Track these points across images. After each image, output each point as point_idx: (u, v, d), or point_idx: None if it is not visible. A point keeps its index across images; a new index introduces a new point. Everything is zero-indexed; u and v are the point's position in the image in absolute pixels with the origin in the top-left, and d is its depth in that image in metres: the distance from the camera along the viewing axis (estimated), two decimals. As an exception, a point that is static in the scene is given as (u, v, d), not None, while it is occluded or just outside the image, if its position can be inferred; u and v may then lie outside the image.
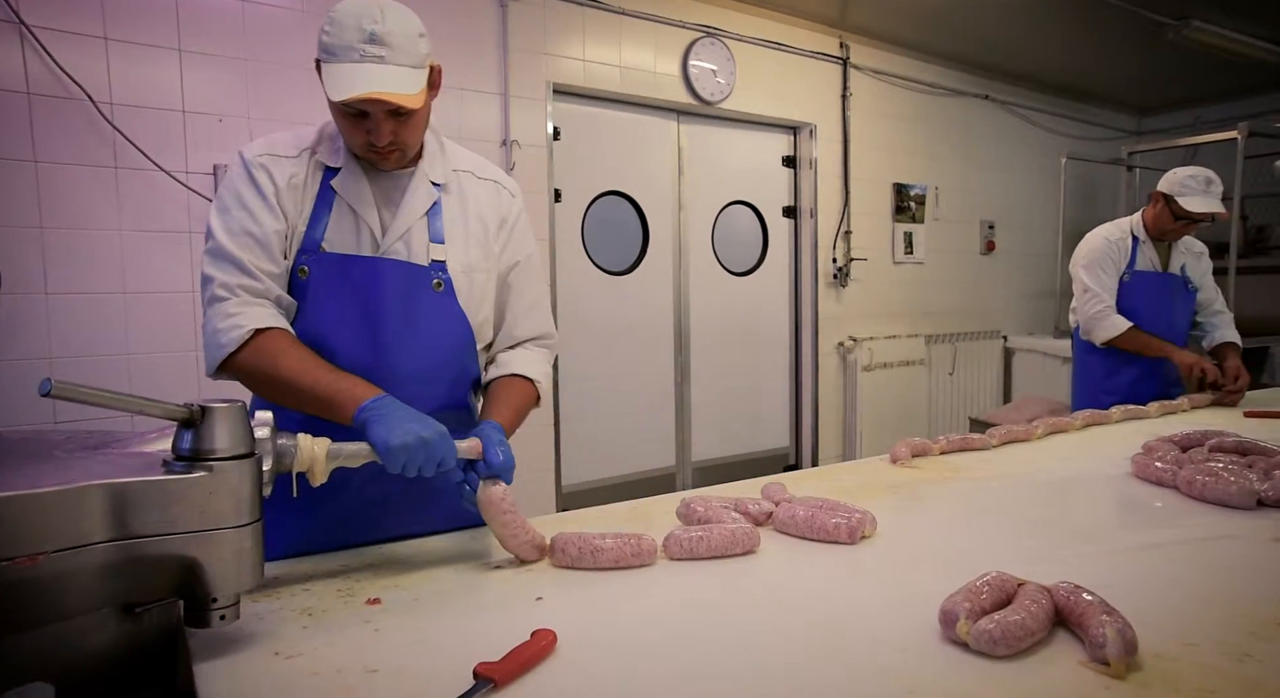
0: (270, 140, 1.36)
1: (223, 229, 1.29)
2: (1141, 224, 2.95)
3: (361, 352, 1.32)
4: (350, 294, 1.32)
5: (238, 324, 1.23)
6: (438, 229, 1.38)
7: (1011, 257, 6.12)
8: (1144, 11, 4.58)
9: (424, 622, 1.00)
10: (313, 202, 1.32)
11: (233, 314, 1.24)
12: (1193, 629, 0.92)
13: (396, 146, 1.30)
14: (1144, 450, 1.79)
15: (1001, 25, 4.91)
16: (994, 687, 0.81)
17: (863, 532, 1.29)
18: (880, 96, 5.23)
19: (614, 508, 1.56)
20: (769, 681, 0.84)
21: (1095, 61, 5.71)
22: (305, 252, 1.31)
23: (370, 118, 1.26)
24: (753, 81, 4.57)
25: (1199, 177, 2.79)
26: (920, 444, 1.93)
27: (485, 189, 1.47)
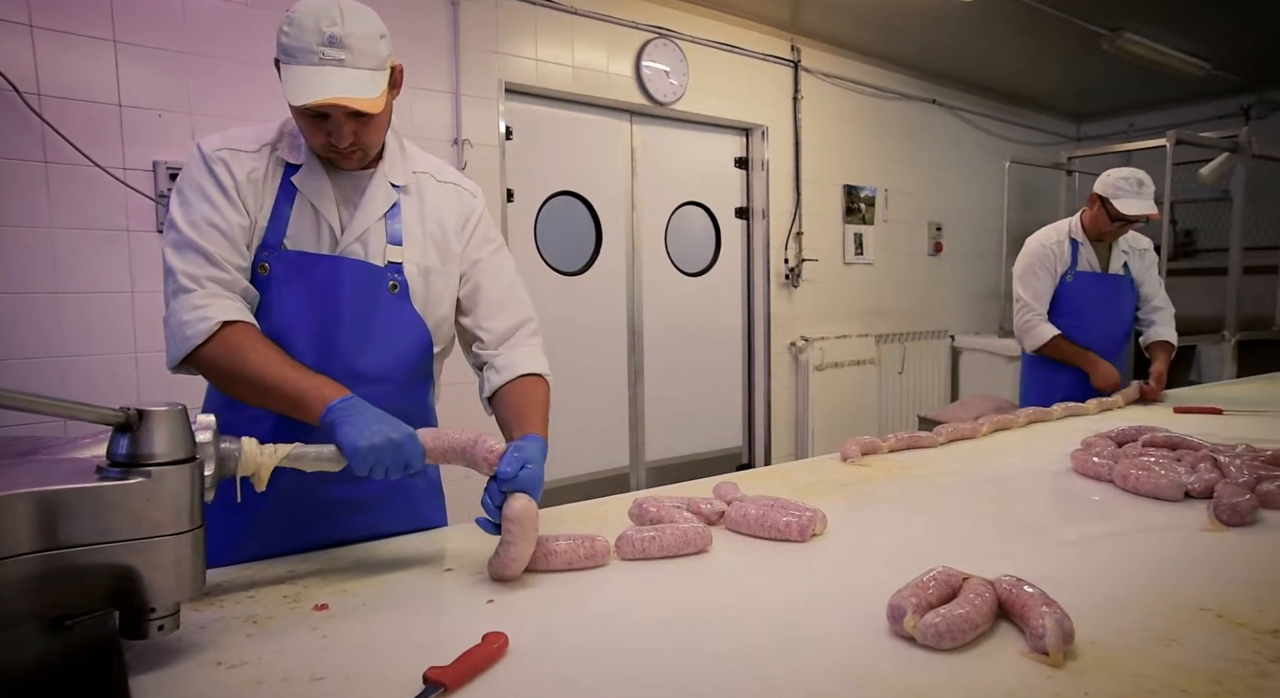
0: (230, 135, 1.34)
1: (186, 221, 1.26)
2: (1080, 226, 3.03)
3: (317, 349, 1.31)
4: (309, 292, 1.31)
5: (205, 316, 1.20)
6: (395, 231, 1.38)
7: (958, 258, 6.27)
8: (1080, 22, 4.74)
9: (373, 627, 0.98)
10: (274, 198, 1.31)
11: (200, 306, 1.21)
12: (1125, 618, 0.96)
13: (358, 147, 1.30)
14: (1083, 447, 1.85)
15: (947, 32, 5.02)
16: (940, 679, 0.82)
17: (813, 530, 1.30)
18: (831, 99, 5.30)
19: (567, 509, 1.56)
20: (721, 678, 0.84)
21: (1036, 69, 5.89)
22: (266, 248, 1.30)
23: (331, 119, 1.25)
24: (705, 83, 4.59)
25: (1132, 179, 2.87)
26: (870, 443, 1.96)
27: (445, 192, 1.46)
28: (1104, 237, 3.00)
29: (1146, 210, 2.84)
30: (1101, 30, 4.89)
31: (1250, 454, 1.67)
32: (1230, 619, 0.95)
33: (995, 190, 5.96)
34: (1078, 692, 0.79)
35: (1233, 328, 5.02)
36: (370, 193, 1.36)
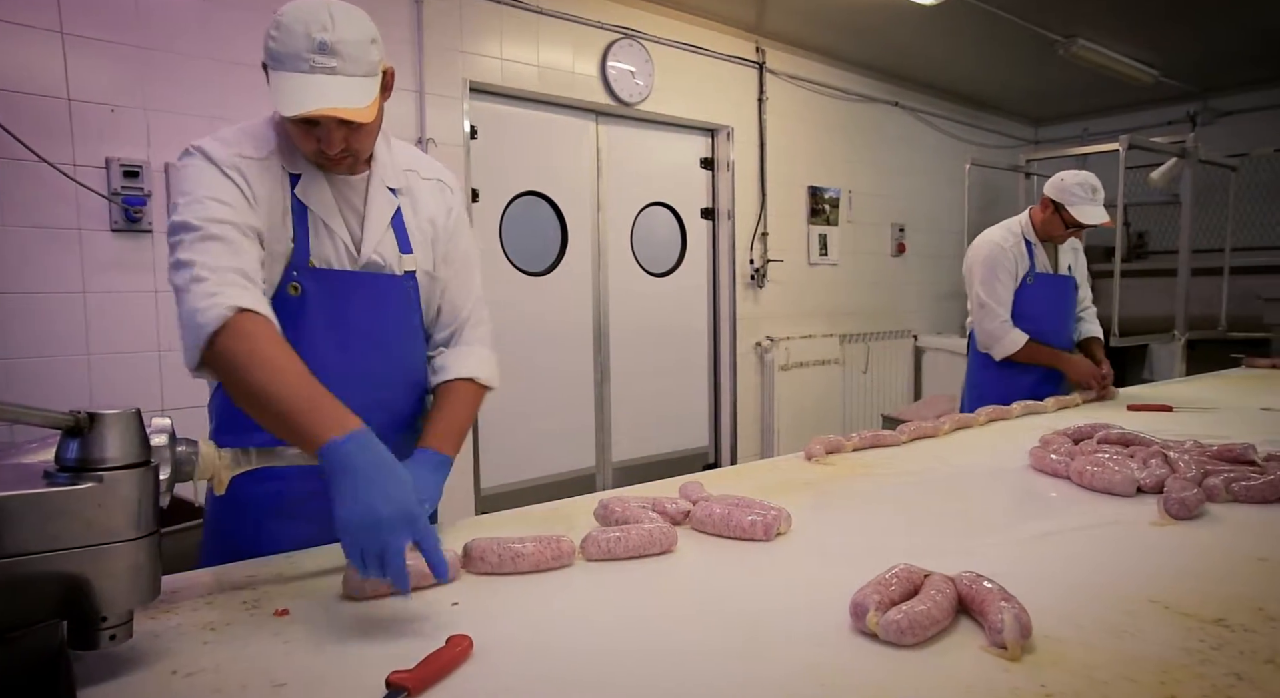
0: (234, 140, 1.28)
1: (202, 217, 1.18)
2: (1030, 225, 3.02)
3: (348, 362, 1.32)
4: (342, 308, 1.32)
5: (218, 302, 1.10)
6: (405, 239, 1.39)
7: (921, 259, 6.37)
8: (1036, 28, 4.84)
9: (335, 631, 0.97)
10: (290, 216, 1.29)
11: (214, 292, 1.11)
12: (1080, 611, 0.98)
13: (348, 154, 1.28)
14: (1041, 444, 1.88)
15: (910, 35, 5.10)
16: (902, 675, 0.84)
17: (778, 529, 1.31)
18: (795, 101, 5.35)
19: (533, 510, 1.55)
20: (685, 677, 0.85)
21: (995, 73, 6.01)
22: (295, 267, 1.28)
23: (321, 127, 1.23)
24: (671, 84, 4.61)
25: (1086, 184, 2.88)
26: (834, 442, 1.98)
27: (430, 189, 1.46)
28: (1054, 238, 3.01)
29: (1102, 218, 2.85)
30: (1057, 37, 5.01)
31: (1198, 450, 1.72)
32: (1177, 610, 0.98)
33: (956, 192, 6.06)
34: (1034, 685, 0.80)
35: (1182, 328, 5.17)
36: (372, 199, 1.36)
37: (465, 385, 1.43)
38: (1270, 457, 1.61)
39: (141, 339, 2.92)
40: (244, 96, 3.13)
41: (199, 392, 1.47)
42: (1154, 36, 5.23)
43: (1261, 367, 3.88)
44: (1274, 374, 3.67)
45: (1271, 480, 1.47)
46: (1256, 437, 1.95)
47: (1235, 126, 6.44)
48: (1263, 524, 1.35)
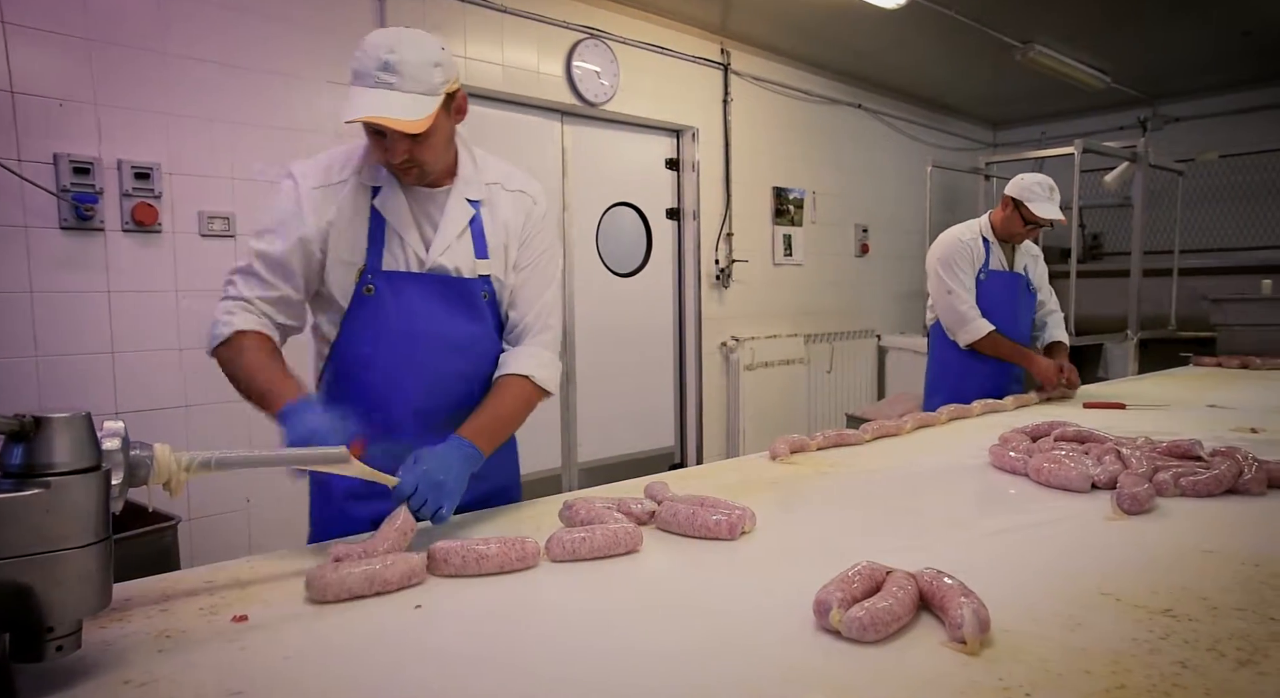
0: (323, 164, 1.49)
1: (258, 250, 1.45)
2: (990, 226, 3.11)
3: (416, 356, 1.48)
4: (408, 307, 1.47)
5: (229, 324, 1.41)
6: (482, 245, 1.53)
7: (884, 259, 6.45)
8: (995, 33, 4.94)
9: (295, 638, 0.95)
10: (366, 226, 1.46)
11: (229, 313, 1.43)
12: (1036, 605, 1.00)
13: (413, 164, 1.41)
14: (1000, 442, 1.92)
15: (872, 39, 5.16)
16: (864, 671, 0.85)
17: (743, 528, 1.32)
18: (760, 102, 5.39)
19: (499, 511, 1.54)
20: (650, 676, 0.85)
21: (956, 77, 6.11)
22: (369, 271, 1.46)
23: (387, 137, 1.37)
24: (636, 84, 4.61)
25: (1044, 184, 2.99)
26: (798, 441, 2.00)
27: (511, 199, 1.60)
28: (1012, 238, 3.10)
29: (1057, 215, 2.96)
30: (1014, 42, 5.11)
31: (1149, 446, 1.77)
32: (1128, 602, 1.00)
33: (918, 193, 6.15)
34: (992, 678, 0.82)
35: (1134, 327, 5.30)
36: (449, 210, 1.50)
37: (517, 382, 1.53)
38: (1215, 452, 1.66)
39: (95, 341, 2.85)
40: (201, 93, 3.06)
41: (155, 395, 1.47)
42: (1106, 44, 5.36)
43: (1208, 365, 4.00)
44: (1219, 372, 3.79)
45: (1216, 475, 1.51)
46: (1203, 433, 2.01)
47: (1183, 132, 6.63)
48: (1208, 517, 1.39)
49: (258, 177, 3.25)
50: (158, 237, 2.99)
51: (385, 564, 1.09)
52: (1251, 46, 5.48)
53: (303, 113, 3.36)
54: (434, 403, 1.50)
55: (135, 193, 2.89)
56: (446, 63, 1.40)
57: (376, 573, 1.07)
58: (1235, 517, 1.40)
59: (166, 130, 2.99)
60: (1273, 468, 1.56)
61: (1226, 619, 0.95)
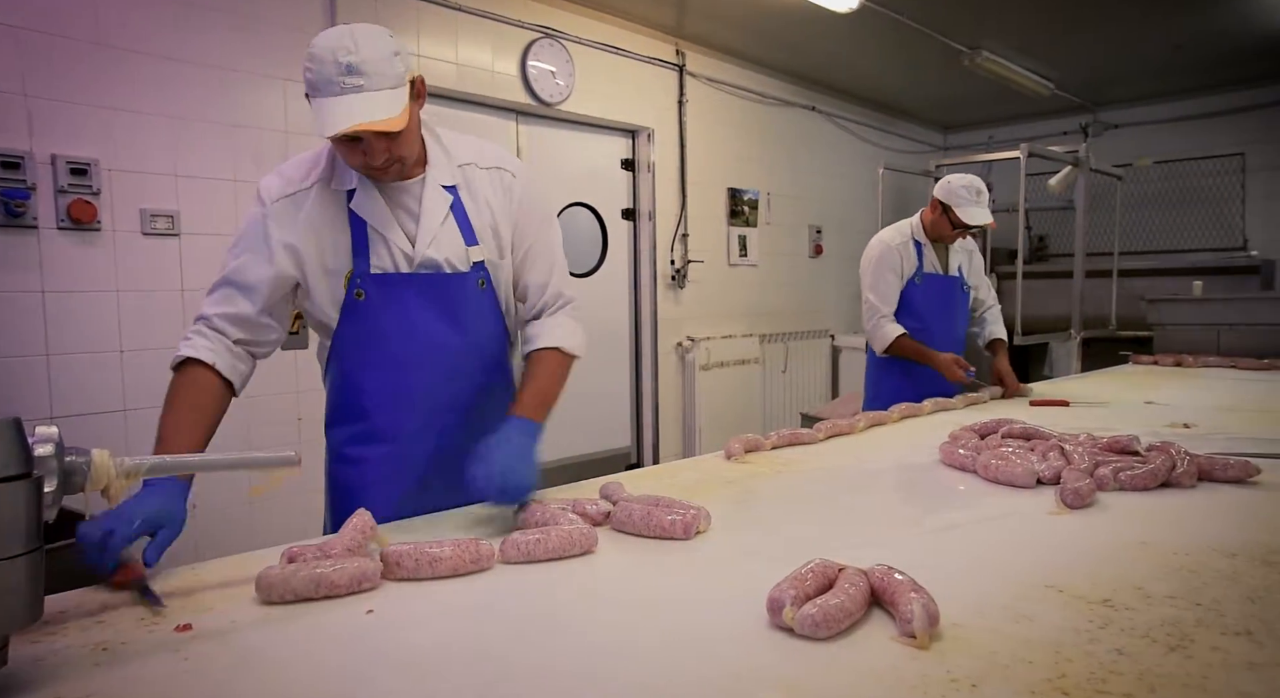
0: (286, 174, 1.46)
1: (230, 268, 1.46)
2: (921, 227, 3.10)
3: (416, 356, 1.49)
4: (402, 308, 1.46)
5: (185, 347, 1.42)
6: (469, 232, 1.51)
7: (837, 260, 6.54)
8: (943, 38, 5.04)
9: (242, 646, 0.93)
10: (347, 231, 1.44)
11: (187, 339, 1.43)
12: (983, 598, 1.02)
13: (393, 161, 1.39)
14: (950, 440, 1.95)
15: (825, 42, 5.23)
16: (816, 667, 0.85)
17: (697, 527, 1.32)
18: (715, 104, 5.42)
19: (450, 515, 1.52)
20: (605, 675, 0.84)
21: (907, 80, 6.23)
22: (359, 276, 1.45)
23: (363, 141, 1.34)
24: (592, 84, 4.60)
25: (971, 187, 2.94)
26: (753, 440, 2.01)
27: (489, 178, 1.56)
28: (943, 239, 3.09)
29: (986, 220, 2.94)
30: (962, 48, 5.23)
31: (1090, 442, 1.82)
32: (1070, 593, 1.03)
33: (870, 195, 6.26)
34: (941, 671, 0.83)
35: (1078, 326, 5.46)
36: (426, 202, 1.47)
37: (552, 354, 1.56)
38: (1151, 447, 1.72)
39: (28, 343, 2.75)
40: (142, 87, 2.97)
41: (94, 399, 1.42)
42: (1050, 51, 5.53)
43: (1145, 363, 4.15)
44: (1156, 370, 3.92)
45: (1152, 469, 1.57)
46: (1140, 429, 2.08)
47: (1121, 139, 6.86)
48: (1144, 510, 1.44)
49: (204, 174, 3.17)
50: (96, 235, 2.89)
51: (335, 567, 1.07)
52: (1182, 60, 5.72)
53: (250, 109, 3.29)
54: (443, 398, 1.55)
55: (71, 189, 2.80)
56: (402, 50, 1.37)
57: (324, 576, 1.05)
58: (1168, 509, 1.45)
59: (106, 125, 2.90)
60: (1203, 462, 1.62)
61: (1159, 607, 0.98)
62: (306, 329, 3.49)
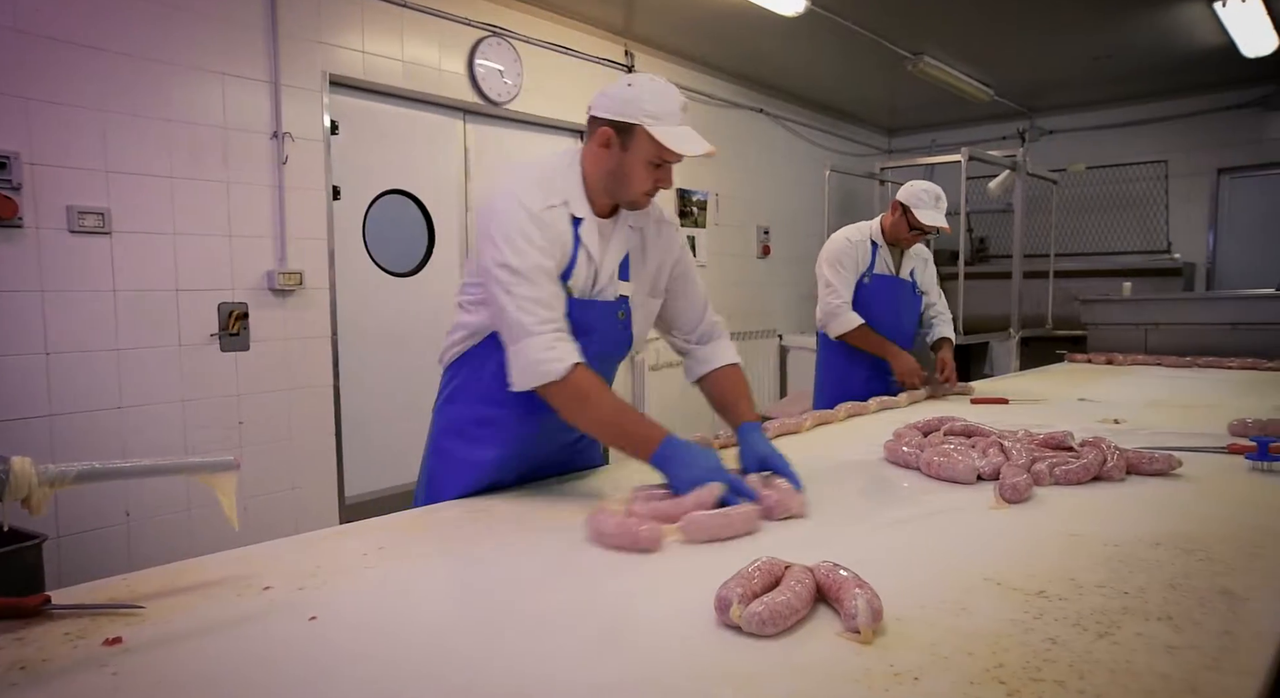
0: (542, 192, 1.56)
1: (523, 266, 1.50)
2: (880, 230, 3.21)
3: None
4: (574, 324, 1.56)
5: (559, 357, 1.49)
6: (625, 270, 1.68)
7: (784, 260, 6.62)
8: (888, 44, 5.15)
9: (176, 659, 0.89)
10: (570, 250, 1.58)
11: (552, 347, 1.49)
12: (925, 592, 1.05)
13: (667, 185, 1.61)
14: (894, 437, 1.99)
15: (772, 45, 5.29)
16: (762, 664, 0.86)
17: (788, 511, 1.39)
18: (664, 106, 5.43)
19: (401, 516, 1.50)
20: (554, 673, 0.84)
21: (853, 84, 6.34)
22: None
23: (668, 167, 1.58)
24: (540, 84, 4.58)
25: (931, 192, 3.08)
26: (701, 440, 2.02)
27: (658, 230, 1.75)
28: (900, 242, 3.19)
29: (941, 222, 3.05)
30: (906, 53, 5.34)
31: (1028, 438, 1.87)
32: (1008, 586, 1.06)
33: (817, 196, 6.36)
34: (884, 665, 0.85)
35: (1016, 326, 5.63)
36: (618, 236, 1.65)
37: (734, 370, 1.86)
38: (1084, 443, 1.78)
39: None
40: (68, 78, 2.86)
41: (16, 405, 1.34)
42: (988, 59, 5.69)
43: (1079, 361, 4.30)
44: (1089, 368, 4.07)
45: (1085, 464, 1.62)
46: (1074, 425, 2.15)
47: (1056, 144, 7.10)
48: (1077, 503, 1.49)
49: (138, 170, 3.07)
50: (18, 232, 2.77)
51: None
52: (1108, 70, 5.95)
53: (186, 104, 3.19)
54: None
55: (-10, 184, 2.68)
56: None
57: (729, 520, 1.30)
58: (1099, 502, 1.50)
59: (26, 117, 2.78)
60: (1130, 456, 1.69)
61: (1089, 596, 1.02)
62: (248, 331, 3.40)
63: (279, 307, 3.53)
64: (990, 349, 6.47)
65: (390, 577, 1.16)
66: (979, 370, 6.41)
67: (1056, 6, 4.73)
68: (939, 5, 4.69)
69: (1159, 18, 4.92)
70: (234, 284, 3.38)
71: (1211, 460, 1.81)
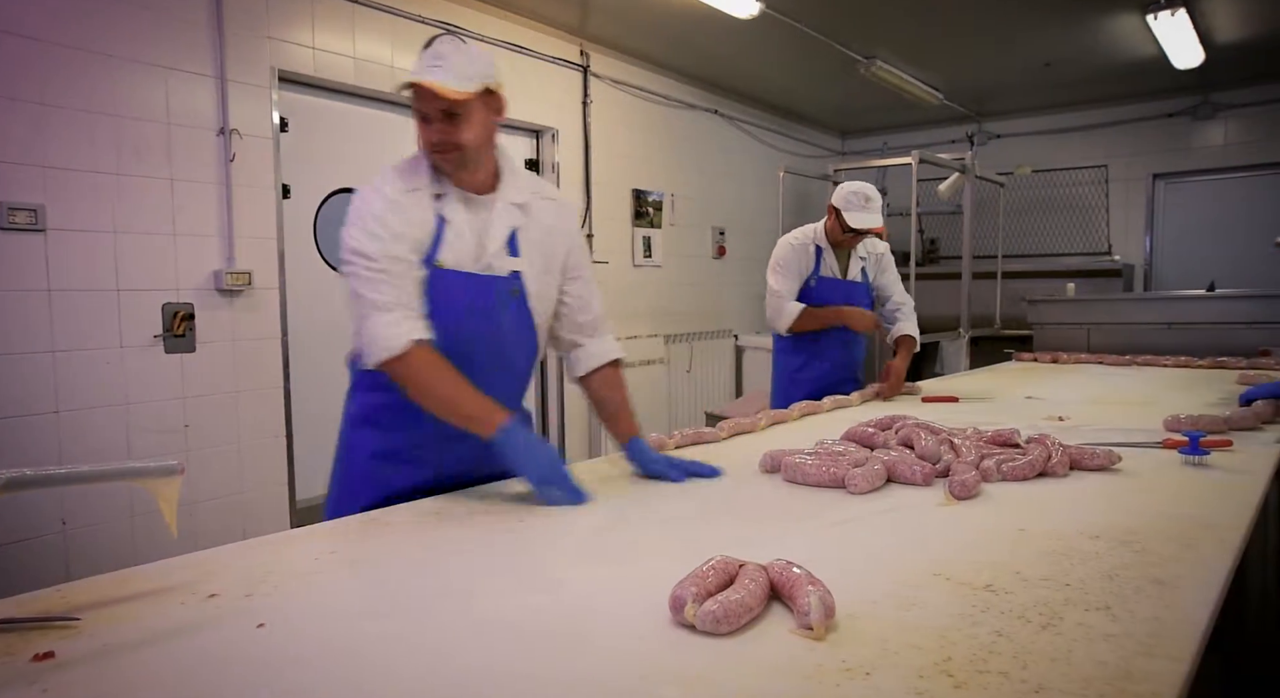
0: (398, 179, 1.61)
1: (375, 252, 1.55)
2: (824, 233, 3.20)
3: (457, 346, 1.59)
4: (456, 300, 1.60)
5: (399, 334, 1.53)
6: (515, 245, 1.68)
7: (740, 261, 6.67)
8: (840, 47, 5.22)
9: (113, 672, 0.86)
10: (433, 225, 1.60)
11: (393, 324, 1.53)
12: (875, 588, 1.06)
13: (452, 144, 1.56)
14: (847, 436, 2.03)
15: (727, 47, 5.33)
16: (718, 662, 0.87)
17: None
18: (620, 105, 5.44)
19: (351, 520, 1.48)
20: (507, 672, 0.84)
21: (806, 87, 6.42)
22: (426, 264, 1.59)
23: (430, 121, 1.55)
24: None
25: (860, 194, 3.02)
26: (656, 440, 2.03)
27: (551, 207, 1.76)
28: (840, 244, 3.17)
29: (871, 224, 3.02)
30: (858, 56, 5.42)
31: (976, 436, 1.92)
32: (955, 581, 1.09)
33: (771, 198, 6.42)
34: (836, 660, 0.86)
35: (966, 326, 5.76)
36: (497, 214, 1.65)
37: (615, 372, 1.86)
38: (1030, 439, 1.83)
39: None
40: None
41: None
42: (939, 63, 5.81)
43: (1026, 360, 4.42)
44: (1035, 366, 4.18)
45: (1030, 460, 1.67)
46: (1021, 422, 2.21)
47: (1004, 148, 7.28)
48: (1024, 499, 1.53)
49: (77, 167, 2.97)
50: (-54, 230, 2.66)
51: None
52: (1051, 77, 6.13)
53: (126, 99, 3.10)
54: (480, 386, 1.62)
55: (-88, 179, 2.56)
56: (488, 66, 1.58)
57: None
58: (1044, 497, 1.55)
59: (-45, 110, 2.67)
60: (1073, 452, 1.74)
61: (1034, 589, 1.05)
62: (194, 332, 3.32)
63: (227, 307, 3.44)
64: (941, 349, 6.61)
65: (342, 582, 1.14)
66: (930, 369, 6.54)
67: (1003, 15, 4.86)
68: (890, 10, 4.78)
69: (1098, 28, 5.08)
70: (179, 284, 3.29)
71: (1148, 455, 1.88)
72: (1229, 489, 1.59)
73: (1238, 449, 1.91)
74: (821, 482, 1.64)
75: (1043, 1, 4.65)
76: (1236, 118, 6.46)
